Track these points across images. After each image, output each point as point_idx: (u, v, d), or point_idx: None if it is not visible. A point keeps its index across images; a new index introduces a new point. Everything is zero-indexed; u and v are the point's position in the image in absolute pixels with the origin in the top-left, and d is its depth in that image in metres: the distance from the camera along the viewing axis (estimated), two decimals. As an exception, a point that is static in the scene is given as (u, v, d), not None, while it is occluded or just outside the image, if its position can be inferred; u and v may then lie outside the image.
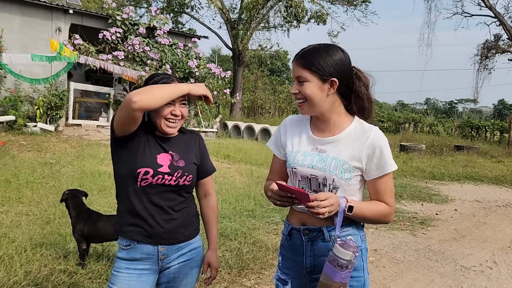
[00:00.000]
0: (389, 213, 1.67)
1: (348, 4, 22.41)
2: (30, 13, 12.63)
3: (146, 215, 1.77)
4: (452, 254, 4.70)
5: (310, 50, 1.63)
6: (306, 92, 1.62)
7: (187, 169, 1.83)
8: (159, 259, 1.82)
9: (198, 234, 1.96)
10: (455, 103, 57.70)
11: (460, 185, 9.52)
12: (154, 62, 13.85)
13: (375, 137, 1.64)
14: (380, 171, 1.63)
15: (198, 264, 1.95)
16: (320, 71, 1.60)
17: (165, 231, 1.80)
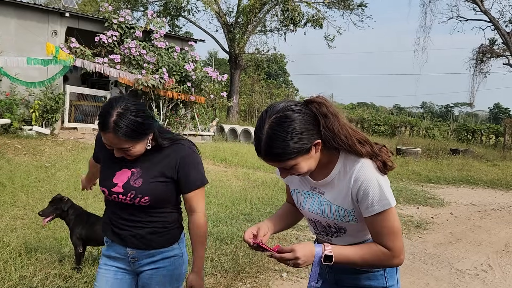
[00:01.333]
0: (387, 258, 1.44)
1: (344, 8, 22.50)
2: (26, 16, 12.61)
3: (115, 221, 1.87)
4: (448, 258, 4.72)
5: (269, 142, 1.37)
6: (301, 171, 1.44)
7: (142, 191, 1.77)
8: (129, 260, 1.88)
9: (176, 243, 1.93)
10: (451, 107, 57.91)
11: (455, 188, 9.55)
12: (151, 65, 13.85)
13: (358, 173, 1.42)
14: (369, 211, 1.42)
15: (172, 274, 1.90)
16: (300, 152, 1.38)
17: (133, 235, 1.84)
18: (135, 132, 1.67)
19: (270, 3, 21.09)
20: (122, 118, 1.63)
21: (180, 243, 1.95)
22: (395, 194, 7.09)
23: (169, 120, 14.34)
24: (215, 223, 5.15)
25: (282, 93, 27.37)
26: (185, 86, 14.39)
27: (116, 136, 1.64)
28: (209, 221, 5.20)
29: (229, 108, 21.45)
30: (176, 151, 1.83)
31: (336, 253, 1.41)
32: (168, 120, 14.32)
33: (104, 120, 1.64)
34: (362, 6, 22.48)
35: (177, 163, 1.81)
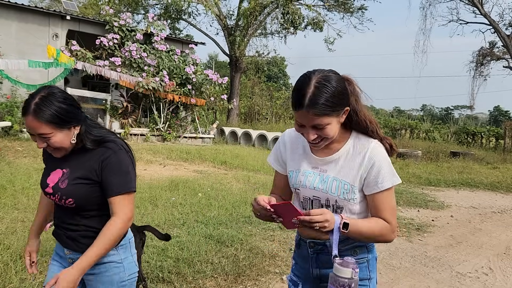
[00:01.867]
0: (388, 232, 1.59)
1: (344, 11, 22.55)
2: (27, 19, 12.65)
3: (56, 220, 1.88)
4: (448, 261, 4.71)
5: (316, 92, 1.45)
6: (329, 133, 1.52)
7: (66, 192, 1.73)
8: (68, 262, 1.85)
9: (113, 250, 1.81)
10: (451, 110, 57.96)
11: (456, 191, 9.55)
12: (151, 68, 13.88)
13: (373, 152, 1.57)
14: (378, 186, 1.56)
15: (112, 281, 1.80)
16: (337, 110, 1.49)
17: (68, 236, 1.82)
18: (56, 117, 1.62)
19: (270, 6, 21.15)
20: (44, 101, 1.60)
21: (119, 249, 1.83)
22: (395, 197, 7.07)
23: (169, 122, 14.36)
24: (216, 225, 5.16)
25: (283, 96, 27.39)
26: (186, 88, 14.42)
27: (35, 119, 1.59)
28: (209, 223, 5.21)
29: (229, 110, 21.47)
30: (100, 153, 1.74)
31: (351, 222, 1.51)
32: (168, 123, 14.33)
33: (26, 103, 1.61)
34: (362, 9, 22.54)
35: (99, 166, 1.73)
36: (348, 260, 1.44)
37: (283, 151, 1.80)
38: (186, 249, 4.17)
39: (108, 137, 1.78)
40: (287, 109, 25.93)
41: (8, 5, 12.17)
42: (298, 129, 1.57)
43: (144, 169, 9.03)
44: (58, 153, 1.74)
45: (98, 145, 1.75)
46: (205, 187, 7.40)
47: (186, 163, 10.55)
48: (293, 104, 1.51)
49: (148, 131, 13.76)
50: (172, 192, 6.87)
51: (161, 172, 8.87)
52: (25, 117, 1.63)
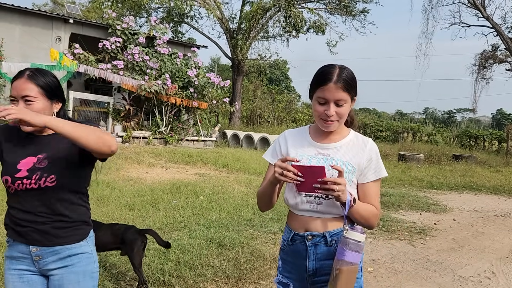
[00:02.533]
0: (376, 217, 1.80)
1: (346, 14, 22.58)
2: (31, 23, 12.72)
3: (17, 215, 1.78)
4: (450, 264, 4.69)
5: (344, 73, 1.72)
6: (344, 113, 1.75)
7: (47, 169, 1.74)
8: (33, 259, 1.80)
9: (84, 240, 1.86)
10: (453, 113, 57.87)
11: (458, 194, 9.51)
12: (154, 71, 13.92)
13: (373, 145, 1.84)
14: (376, 175, 1.80)
15: (85, 270, 1.84)
16: (353, 92, 1.75)
17: (34, 230, 1.77)
18: (47, 85, 1.77)
19: (272, 10, 21.19)
20: (39, 71, 1.78)
21: (88, 240, 1.88)
22: (397, 200, 7.04)
23: (171, 125, 14.38)
24: (217, 228, 5.15)
25: (285, 99, 27.42)
26: (188, 91, 14.45)
27: (27, 80, 1.72)
28: (210, 226, 5.20)
29: (231, 113, 21.50)
30: None
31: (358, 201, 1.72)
32: (170, 126, 14.36)
33: (20, 72, 1.77)
34: (364, 12, 22.57)
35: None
36: (357, 227, 1.66)
37: (283, 145, 1.90)
38: (187, 252, 4.17)
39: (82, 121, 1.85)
40: (289, 112, 25.94)
41: (12, 8, 12.25)
42: (319, 108, 1.74)
43: (146, 172, 9.04)
44: (30, 128, 1.73)
45: None
46: (207, 190, 7.40)
47: (188, 166, 10.56)
48: (320, 81, 1.72)
49: (150, 134, 13.79)
50: (173, 195, 6.88)
51: (163, 175, 8.88)
52: (16, 81, 1.73)
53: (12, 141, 1.81)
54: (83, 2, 30.36)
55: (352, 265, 1.61)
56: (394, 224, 6.24)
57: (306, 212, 1.78)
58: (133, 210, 5.71)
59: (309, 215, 1.78)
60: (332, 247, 1.73)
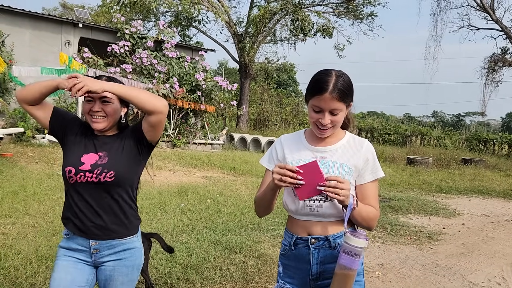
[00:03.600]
0: (377, 217, 1.79)
1: (354, 17, 22.54)
2: (41, 27, 12.86)
3: (77, 210, 1.91)
4: (460, 269, 4.64)
5: (340, 81, 1.70)
6: (339, 120, 1.75)
7: (108, 166, 1.89)
8: (91, 252, 1.94)
9: (135, 235, 2.01)
10: (462, 116, 57.39)
11: (468, 199, 9.42)
12: (162, 75, 13.99)
13: (368, 146, 1.83)
14: (374, 175, 1.79)
15: (134, 265, 2.00)
16: (348, 100, 1.75)
17: (95, 226, 1.91)
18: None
19: (280, 13, 21.23)
20: (115, 80, 1.95)
21: (138, 236, 2.05)
22: (405, 204, 6.98)
23: (179, 129, 14.43)
24: (224, 232, 5.15)
25: (292, 102, 27.39)
26: (196, 95, 14.50)
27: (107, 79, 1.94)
28: (218, 230, 5.20)
29: (238, 117, 21.53)
30: (126, 131, 2.02)
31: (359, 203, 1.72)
32: (178, 129, 14.41)
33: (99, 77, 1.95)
34: (372, 15, 22.52)
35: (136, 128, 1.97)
36: (361, 232, 1.61)
37: (279, 150, 1.90)
38: (194, 256, 4.17)
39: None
40: (297, 115, 25.90)
41: (23, 13, 12.40)
42: (314, 116, 1.74)
43: (154, 175, 9.07)
44: (101, 125, 1.93)
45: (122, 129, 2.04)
46: (214, 194, 7.40)
47: (195, 169, 10.58)
48: (315, 90, 1.71)
49: (158, 137, 13.83)
50: (181, 198, 6.89)
51: (171, 178, 8.90)
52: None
53: (78, 136, 1.98)
54: (92, 7, 30.67)
55: (347, 269, 1.58)
56: (403, 228, 6.19)
57: (306, 216, 1.77)
58: (141, 213, 5.70)
59: (310, 219, 1.77)
60: (336, 250, 1.72)
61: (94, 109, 1.91)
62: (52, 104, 2.02)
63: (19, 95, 1.91)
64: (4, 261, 3.58)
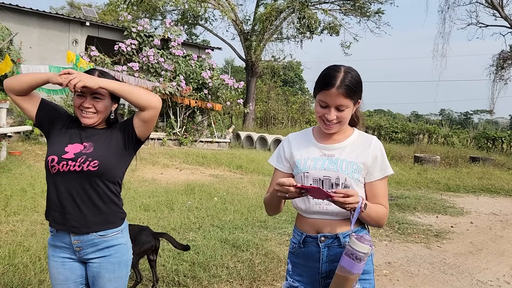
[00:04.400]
0: (386, 215, 1.79)
1: (361, 15, 22.42)
2: (48, 26, 12.94)
3: (57, 202, 1.90)
4: (468, 268, 4.61)
5: (348, 77, 1.69)
6: (345, 116, 1.74)
7: (92, 155, 1.88)
8: (74, 250, 1.93)
9: (119, 232, 1.98)
10: (470, 114, 56.91)
11: (476, 197, 9.35)
12: (168, 73, 14.02)
13: (377, 143, 1.81)
14: (382, 172, 1.78)
15: (120, 261, 1.97)
16: (356, 98, 1.74)
17: (73, 217, 1.88)
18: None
19: (286, 11, 21.18)
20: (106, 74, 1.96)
21: (124, 232, 2.02)
22: (413, 202, 6.93)
23: (186, 127, 14.46)
24: (231, 230, 5.15)
25: (299, 100, 27.33)
26: (202, 93, 14.52)
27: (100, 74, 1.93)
28: (225, 228, 5.21)
29: (245, 115, 21.53)
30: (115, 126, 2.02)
31: (368, 203, 1.70)
32: (185, 127, 14.44)
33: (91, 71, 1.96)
34: (379, 13, 22.38)
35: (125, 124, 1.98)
36: (366, 237, 1.61)
37: (286, 148, 1.90)
38: (201, 253, 4.18)
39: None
40: (303, 114, 25.84)
41: (31, 12, 12.49)
42: (320, 111, 1.74)
43: (161, 173, 9.10)
44: (90, 120, 1.92)
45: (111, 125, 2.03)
46: (221, 192, 7.41)
47: (202, 167, 10.60)
48: (322, 84, 1.70)
49: (165, 135, 13.88)
50: (188, 196, 6.91)
51: (178, 176, 8.93)
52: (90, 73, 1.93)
53: (64, 128, 1.97)
54: (99, 5, 30.82)
55: (347, 272, 1.57)
56: (410, 226, 6.16)
57: (316, 215, 1.77)
58: (148, 211, 5.75)
59: (319, 217, 1.77)
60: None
61: (85, 105, 1.90)
62: (40, 96, 2.01)
63: (7, 84, 1.87)
64: (13, 258, 3.61)
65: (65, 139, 1.94)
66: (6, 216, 4.98)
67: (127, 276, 2.04)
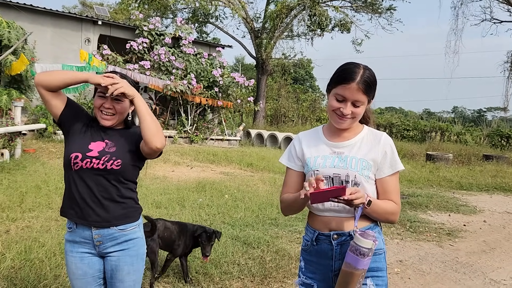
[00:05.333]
0: (397, 212, 1.79)
1: (372, 12, 22.24)
2: (61, 25, 13.09)
3: (78, 197, 1.94)
4: (481, 267, 4.57)
5: (367, 74, 1.72)
6: (359, 113, 1.75)
7: (116, 154, 1.94)
8: (94, 244, 1.98)
9: (136, 226, 2.05)
10: (484, 111, 56.12)
11: (489, 195, 9.25)
12: (179, 71, 14.09)
13: (386, 138, 1.82)
14: (393, 168, 1.78)
15: (138, 254, 2.04)
16: (371, 96, 1.76)
17: (95, 213, 1.94)
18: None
19: (297, 8, 21.10)
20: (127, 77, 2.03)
21: (140, 226, 2.08)
22: (425, 200, 6.86)
23: (196, 125, 14.53)
24: (242, 227, 5.18)
25: (309, 98, 27.26)
26: (213, 91, 14.56)
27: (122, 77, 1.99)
28: (236, 225, 5.23)
29: (255, 113, 21.53)
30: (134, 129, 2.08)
31: (373, 199, 1.70)
32: (196, 125, 14.50)
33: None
34: (391, 9, 22.18)
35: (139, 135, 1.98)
36: (369, 232, 1.62)
37: (297, 147, 1.91)
38: (213, 250, 4.20)
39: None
40: (314, 111, 25.76)
41: (44, 11, 12.64)
42: (336, 105, 1.74)
43: (172, 171, 9.17)
44: (109, 122, 1.99)
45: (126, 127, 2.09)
46: (232, 189, 7.44)
47: (213, 165, 10.64)
48: (342, 78, 1.72)
49: (176, 133, 13.97)
50: (199, 193, 6.95)
51: (189, 174, 8.98)
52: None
53: (85, 127, 2.03)
54: (111, 4, 31.05)
55: (351, 268, 1.59)
56: (422, 225, 6.12)
57: (328, 212, 1.78)
58: (159, 208, 5.81)
59: (331, 214, 1.77)
60: None
61: (106, 105, 1.96)
62: (65, 94, 2.05)
63: (40, 78, 1.89)
64: (29, 253, 3.68)
65: (87, 137, 1.99)
66: (21, 212, 5.07)
67: (143, 269, 2.11)
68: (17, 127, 8.59)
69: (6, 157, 7.95)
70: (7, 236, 4.19)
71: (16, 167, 7.51)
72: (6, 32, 10.70)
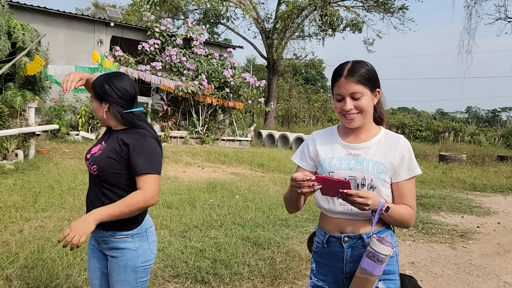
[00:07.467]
0: (413, 217, 1.75)
1: (384, 11, 22.07)
2: (74, 27, 13.25)
3: (86, 196, 2.07)
4: (495, 269, 4.50)
5: (357, 66, 1.71)
6: (363, 105, 1.70)
7: (95, 160, 1.95)
8: (94, 239, 2.07)
9: (128, 236, 1.95)
10: (498, 112, 55.29)
11: (503, 197, 9.10)
12: (191, 72, 14.15)
13: (404, 142, 1.77)
14: (410, 173, 1.74)
15: (127, 265, 1.94)
16: (371, 84, 1.71)
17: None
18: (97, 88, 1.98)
19: (308, 9, 21.04)
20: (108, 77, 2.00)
21: (134, 238, 1.96)
22: (438, 202, 6.76)
23: (208, 125, 14.58)
24: (252, 228, 5.17)
25: (320, 98, 27.16)
26: (224, 92, 14.59)
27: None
28: (246, 225, 5.23)
29: (266, 113, 21.53)
30: (129, 137, 1.94)
31: (391, 206, 1.66)
32: (207, 126, 14.55)
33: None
34: (403, 9, 21.98)
35: (121, 147, 1.92)
36: (387, 239, 1.59)
37: (311, 146, 1.88)
38: (223, 251, 4.21)
39: (138, 123, 1.98)
40: (325, 112, 25.66)
41: (57, 14, 12.81)
42: (338, 105, 1.73)
43: (183, 171, 9.21)
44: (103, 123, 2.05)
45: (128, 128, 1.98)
46: (243, 190, 7.45)
47: (224, 166, 10.67)
48: (333, 78, 1.73)
49: (187, 134, 14.03)
50: (210, 194, 6.97)
51: (200, 174, 9.01)
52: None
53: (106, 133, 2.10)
54: (123, 6, 31.33)
55: (367, 274, 1.57)
56: (435, 226, 6.05)
57: (339, 215, 1.76)
58: (170, 208, 5.83)
59: (343, 217, 1.75)
60: None
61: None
62: None
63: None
64: (42, 253, 3.73)
65: (100, 139, 2.10)
66: (35, 212, 5.14)
67: (137, 282, 1.99)
68: (31, 128, 8.71)
69: (20, 157, 8.07)
70: (21, 235, 4.25)
71: (30, 167, 7.62)
72: (20, 34, 10.87)
